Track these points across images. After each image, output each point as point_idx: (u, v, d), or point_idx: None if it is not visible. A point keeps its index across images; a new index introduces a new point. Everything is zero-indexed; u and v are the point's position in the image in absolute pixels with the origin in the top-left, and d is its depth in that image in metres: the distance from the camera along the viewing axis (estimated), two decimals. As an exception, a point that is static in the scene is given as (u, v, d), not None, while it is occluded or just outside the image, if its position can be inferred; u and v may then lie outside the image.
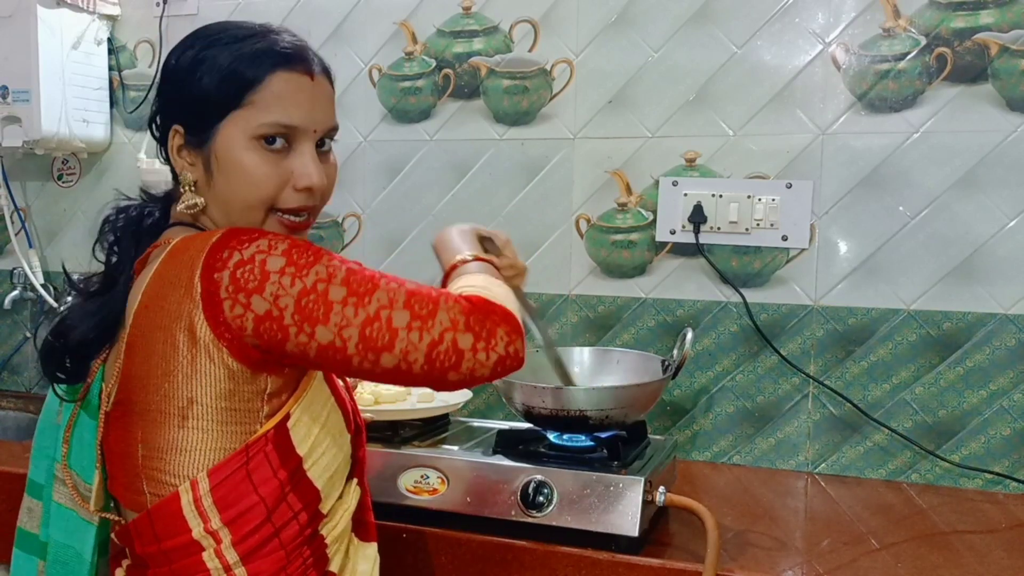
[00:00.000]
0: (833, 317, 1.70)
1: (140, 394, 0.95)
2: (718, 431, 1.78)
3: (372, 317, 0.90)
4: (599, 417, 1.34)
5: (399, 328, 0.90)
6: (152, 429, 0.95)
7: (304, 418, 0.98)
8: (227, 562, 0.94)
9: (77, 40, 2.10)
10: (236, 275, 0.89)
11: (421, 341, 0.91)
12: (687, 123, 1.77)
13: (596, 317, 1.85)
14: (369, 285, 0.91)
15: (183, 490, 0.93)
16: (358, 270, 0.93)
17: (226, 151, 0.97)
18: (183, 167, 1.00)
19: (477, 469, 1.33)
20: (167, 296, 0.92)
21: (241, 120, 0.96)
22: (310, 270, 0.90)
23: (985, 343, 1.62)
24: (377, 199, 2.00)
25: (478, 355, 0.92)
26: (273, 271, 0.89)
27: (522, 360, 0.96)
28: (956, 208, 1.62)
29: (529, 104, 1.88)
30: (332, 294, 0.89)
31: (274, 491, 0.95)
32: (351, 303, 0.90)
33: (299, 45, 1.00)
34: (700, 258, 1.77)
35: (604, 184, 1.83)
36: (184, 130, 0.99)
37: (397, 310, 0.90)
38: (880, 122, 1.66)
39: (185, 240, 0.96)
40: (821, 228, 1.70)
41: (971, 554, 1.33)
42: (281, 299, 0.89)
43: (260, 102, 0.96)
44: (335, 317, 0.89)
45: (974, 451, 1.64)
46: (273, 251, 0.90)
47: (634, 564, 1.24)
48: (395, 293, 0.91)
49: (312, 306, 0.89)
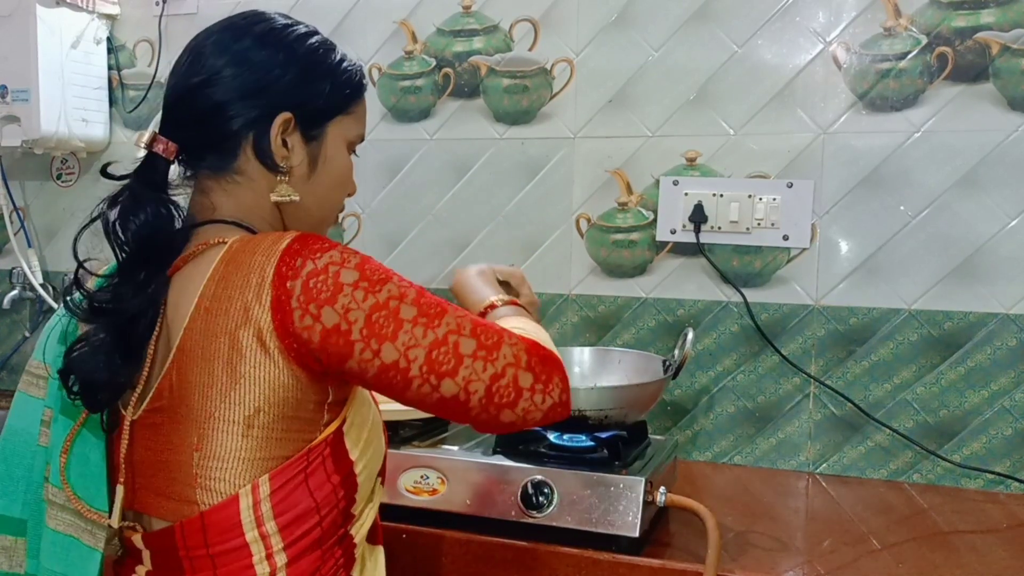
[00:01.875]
0: (834, 317, 1.70)
1: (199, 401, 0.90)
2: (719, 431, 1.78)
3: (440, 340, 0.89)
4: (599, 417, 1.33)
5: (465, 355, 0.90)
6: (213, 437, 0.90)
7: (356, 421, 0.98)
8: (275, 565, 0.91)
9: (76, 39, 2.10)
10: (309, 284, 0.87)
11: (484, 372, 0.90)
12: (688, 122, 1.77)
13: (596, 317, 1.85)
14: (438, 308, 0.91)
15: (243, 494, 0.90)
16: (427, 292, 0.93)
17: (335, 151, 1.02)
18: (285, 156, 0.99)
19: (477, 469, 1.32)
20: (232, 300, 0.89)
21: (344, 126, 1.03)
22: (383, 287, 0.89)
23: (986, 343, 1.62)
24: (377, 198, 2.00)
25: (535, 396, 0.92)
26: (347, 283, 0.88)
27: (570, 412, 0.96)
28: (957, 208, 1.62)
29: (529, 103, 1.87)
30: (403, 312, 0.89)
31: (328, 495, 0.94)
32: (421, 323, 0.89)
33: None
34: (701, 258, 1.76)
35: (604, 183, 1.83)
36: (296, 118, 0.99)
37: (465, 336, 0.90)
38: (881, 121, 1.66)
39: (248, 241, 0.92)
40: (822, 228, 1.70)
41: (972, 554, 1.33)
42: (352, 312, 0.87)
43: (356, 113, 1.05)
44: (404, 336, 0.88)
45: (975, 451, 1.63)
46: (347, 264, 0.89)
47: (635, 564, 1.24)
48: (463, 320, 0.92)
49: (382, 322, 0.88)
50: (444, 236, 1.95)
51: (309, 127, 1.00)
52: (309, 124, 1.00)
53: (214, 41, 0.99)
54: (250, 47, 0.98)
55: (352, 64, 1.05)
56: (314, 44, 1.02)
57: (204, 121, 0.98)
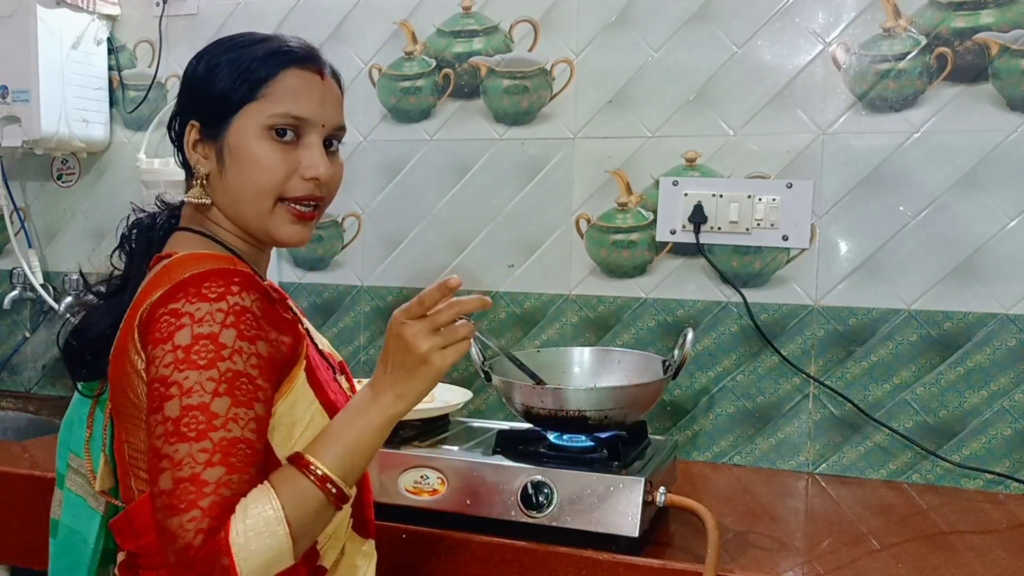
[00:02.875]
0: (834, 317, 1.70)
1: (117, 397, 0.99)
2: (718, 431, 1.78)
3: (158, 452, 0.86)
4: (598, 417, 1.33)
5: (158, 485, 0.86)
6: (131, 432, 0.99)
7: (284, 421, 0.97)
8: None
9: (77, 40, 2.10)
10: (161, 320, 0.90)
11: (158, 511, 0.86)
12: (687, 123, 1.77)
13: (596, 317, 1.85)
14: (191, 433, 0.85)
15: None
16: (213, 411, 0.86)
17: (238, 141, 1.00)
18: (197, 160, 1.03)
19: (477, 469, 1.32)
20: (135, 311, 0.96)
21: (255, 112, 1.00)
22: (187, 371, 0.87)
23: (986, 343, 1.62)
24: (377, 199, 2.00)
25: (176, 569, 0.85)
26: (175, 341, 0.89)
27: None
28: (957, 208, 1.62)
29: (529, 104, 1.87)
30: (168, 406, 0.87)
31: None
32: (166, 427, 0.86)
33: (311, 47, 1.06)
34: (700, 258, 1.76)
35: (604, 184, 1.83)
36: (200, 125, 1.03)
37: (168, 475, 0.85)
38: (880, 122, 1.66)
39: (180, 260, 0.97)
40: (822, 228, 1.70)
41: (972, 554, 1.33)
42: (151, 366, 0.90)
43: (273, 95, 1.00)
44: (152, 419, 0.88)
45: (975, 451, 1.63)
46: (197, 325, 0.88)
47: (634, 565, 1.24)
48: (189, 461, 0.85)
49: (153, 395, 0.89)
50: (444, 236, 1.95)
51: (211, 127, 1.02)
52: (211, 124, 1.02)
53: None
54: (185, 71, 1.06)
55: (266, 49, 1.01)
56: (224, 47, 1.04)
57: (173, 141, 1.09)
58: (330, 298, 2.05)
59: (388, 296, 2.00)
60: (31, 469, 1.58)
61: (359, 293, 2.03)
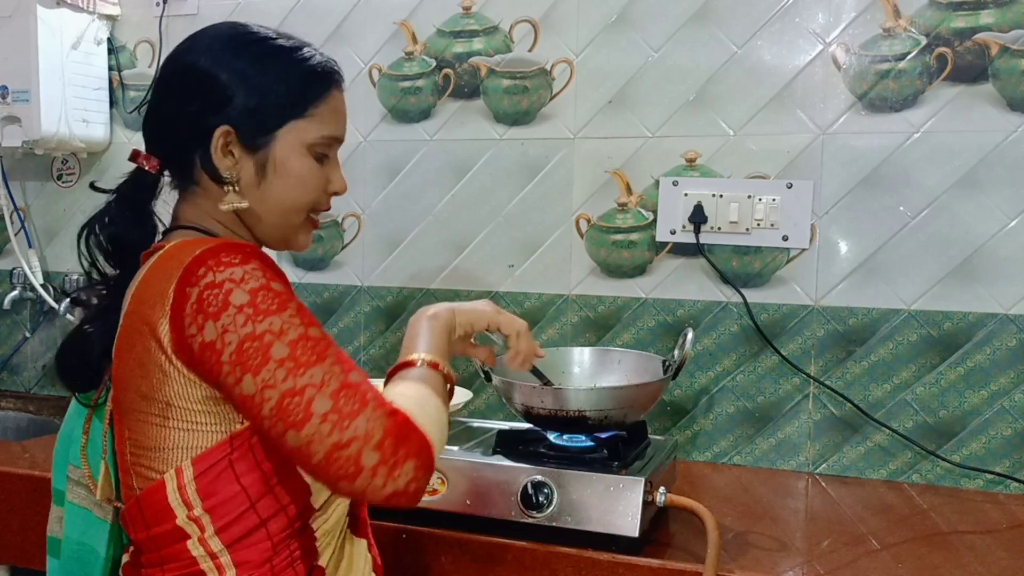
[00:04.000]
0: (834, 317, 1.70)
1: (123, 395, 0.98)
2: (718, 431, 1.78)
3: (296, 390, 0.87)
4: (598, 417, 1.33)
5: (315, 414, 0.86)
6: (136, 428, 0.97)
7: None
8: (211, 550, 0.96)
9: (77, 40, 2.10)
10: (203, 295, 0.90)
11: (328, 437, 0.86)
12: (687, 123, 1.77)
13: (596, 317, 1.85)
14: (313, 357, 0.89)
15: (168, 477, 0.95)
16: (314, 338, 0.90)
17: (285, 156, 1.01)
18: (229, 166, 1.01)
19: (477, 469, 1.32)
20: (146, 301, 0.94)
21: (302, 129, 1.02)
22: (267, 318, 0.89)
23: (986, 343, 1.62)
24: (377, 199, 2.00)
25: (375, 479, 0.86)
26: (234, 304, 0.89)
27: (418, 500, 0.90)
28: (956, 208, 1.62)
29: (529, 104, 1.87)
30: (274, 350, 0.88)
31: (256, 482, 0.96)
32: (286, 367, 0.87)
33: (337, 64, 1.08)
34: (700, 258, 1.76)
35: (604, 184, 1.83)
36: (236, 131, 1.00)
37: (322, 396, 0.87)
38: (880, 122, 1.66)
39: (178, 246, 0.96)
40: (822, 228, 1.70)
41: (972, 555, 1.33)
42: (228, 334, 0.88)
43: (321, 116, 1.03)
44: (265, 373, 0.87)
45: (975, 451, 1.63)
46: (243, 284, 0.90)
47: (634, 565, 1.24)
48: (330, 377, 0.88)
49: (251, 353, 0.88)
50: (444, 236, 1.95)
51: (252, 137, 1.01)
52: (252, 134, 1.01)
53: (175, 56, 1.04)
54: (197, 61, 1.01)
55: (312, 65, 1.03)
56: (262, 51, 1.02)
57: (164, 137, 1.05)
58: (330, 298, 2.05)
59: (388, 296, 2.00)
60: (31, 469, 1.58)
61: (359, 293, 2.03)
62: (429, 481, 0.92)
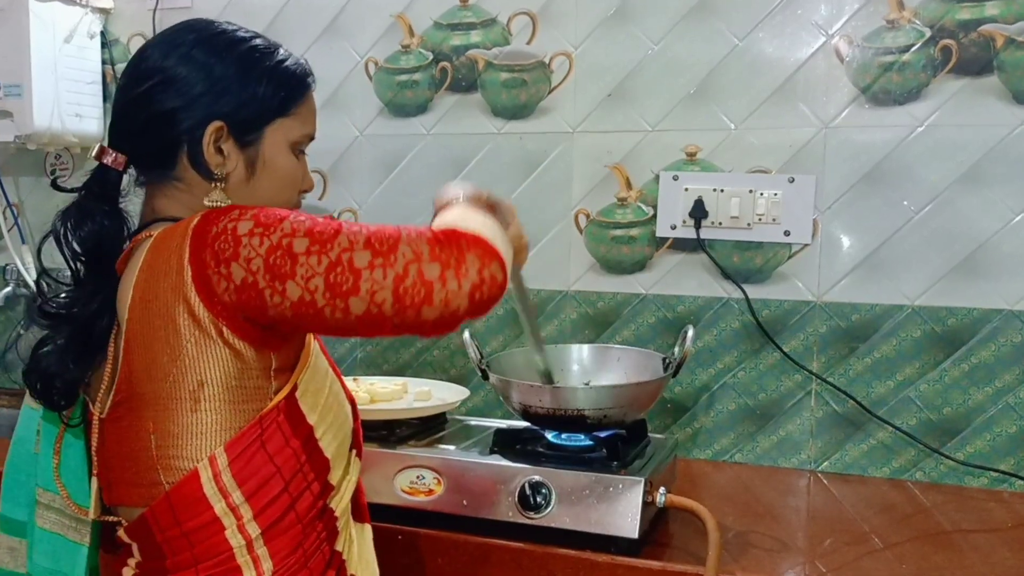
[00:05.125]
0: (836, 313, 1.68)
1: (147, 385, 0.94)
2: (719, 429, 1.76)
3: (335, 262, 0.88)
4: (597, 416, 1.32)
5: (361, 268, 0.87)
6: (164, 417, 0.94)
7: (311, 387, 1.00)
8: (249, 537, 0.95)
9: (70, 34, 2.08)
10: (215, 248, 0.90)
11: (386, 278, 0.87)
12: (688, 117, 1.75)
13: (596, 313, 1.83)
14: (331, 231, 0.90)
15: (202, 467, 0.93)
16: (323, 221, 0.92)
17: (274, 154, 1.03)
18: (219, 162, 1.01)
19: (473, 469, 1.31)
20: (159, 284, 0.93)
21: (287, 128, 1.04)
22: (277, 227, 0.90)
23: (990, 339, 1.60)
24: (374, 194, 1.98)
25: (448, 284, 0.87)
26: (243, 234, 0.90)
27: (502, 286, 0.91)
28: (960, 203, 1.60)
29: (527, 97, 1.85)
30: (296, 246, 0.89)
31: (289, 459, 0.97)
32: (314, 251, 0.88)
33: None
34: (701, 253, 1.75)
35: (604, 179, 1.81)
36: (228, 126, 1.00)
37: (358, 251, 0.88)
38: (884, 115, 1.64)
39: (167, 230, 0.96)
40: (824, 223, 1.68)
41: (975, 553, 1.32)
42: (253, 261, 0.89)
43: (301, 115, 1.06)
44: (300, 269, 0.88)
45: (979, 449, 1.62)
46: (243, 216, 0.91)
47: (634, 566, 1.22)
48: (356, 235, 0.90)
49: (280, 262, 0.88)
50: (442, 232, 1.93)
51: (244, 133, 1.02)
52: (244, 130, 1.02)
53: (151, 52, 1.03)
54: (182, 57, 1.00)
55: (293, 65, 1.05)
56: (248, 49, 1.03)
57: (143, 132, 1.02)
58: (327, 294, 2.03)
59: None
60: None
61: (356, 289, 2.01)
62: (506, 269, 0.92)
